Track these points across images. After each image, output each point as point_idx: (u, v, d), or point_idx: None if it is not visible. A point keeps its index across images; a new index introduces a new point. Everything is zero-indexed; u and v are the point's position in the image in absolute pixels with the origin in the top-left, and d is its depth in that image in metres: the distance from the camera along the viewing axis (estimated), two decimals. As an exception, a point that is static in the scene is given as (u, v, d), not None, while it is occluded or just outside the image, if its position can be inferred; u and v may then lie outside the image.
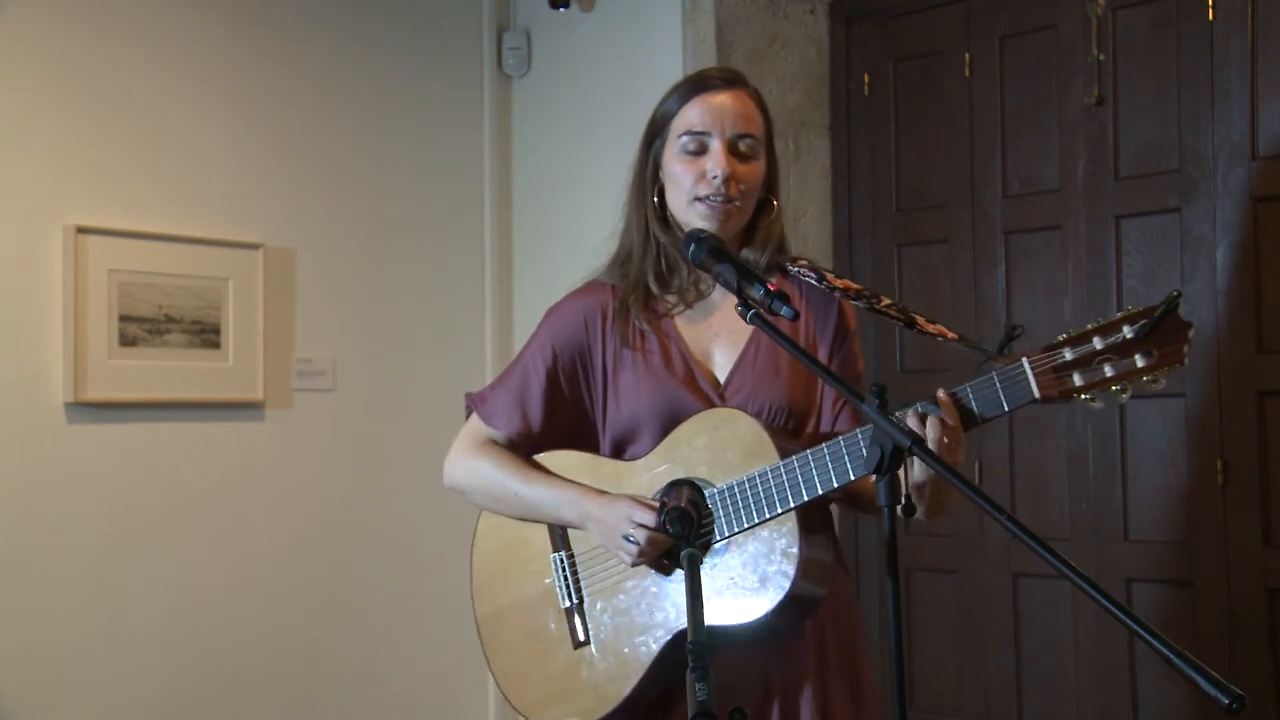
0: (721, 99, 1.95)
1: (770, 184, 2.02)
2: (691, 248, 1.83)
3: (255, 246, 3.44)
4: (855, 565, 3.66)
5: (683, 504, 1.51)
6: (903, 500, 1.51)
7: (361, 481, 3.65)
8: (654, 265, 2.00)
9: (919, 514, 1.77)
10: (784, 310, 1.66)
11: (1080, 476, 3.23)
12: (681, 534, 1.47)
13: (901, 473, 1.52)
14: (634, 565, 1.90)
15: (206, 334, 3.34)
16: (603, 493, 1.94)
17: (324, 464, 3.59)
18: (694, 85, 1.99)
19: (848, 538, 3.64)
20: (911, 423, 1.70)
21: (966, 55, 3.44)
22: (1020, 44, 3.36)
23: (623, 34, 3.74)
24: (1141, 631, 1.24)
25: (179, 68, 3.33)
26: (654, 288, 2.00)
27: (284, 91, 3.54)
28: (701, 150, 1.94)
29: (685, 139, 1.95)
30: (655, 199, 2.00)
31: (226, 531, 3.37)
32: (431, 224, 3.86)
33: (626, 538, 1.85)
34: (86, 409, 3.12)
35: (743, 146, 1.95)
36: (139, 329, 3.21)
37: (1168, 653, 1.21)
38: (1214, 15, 3.01)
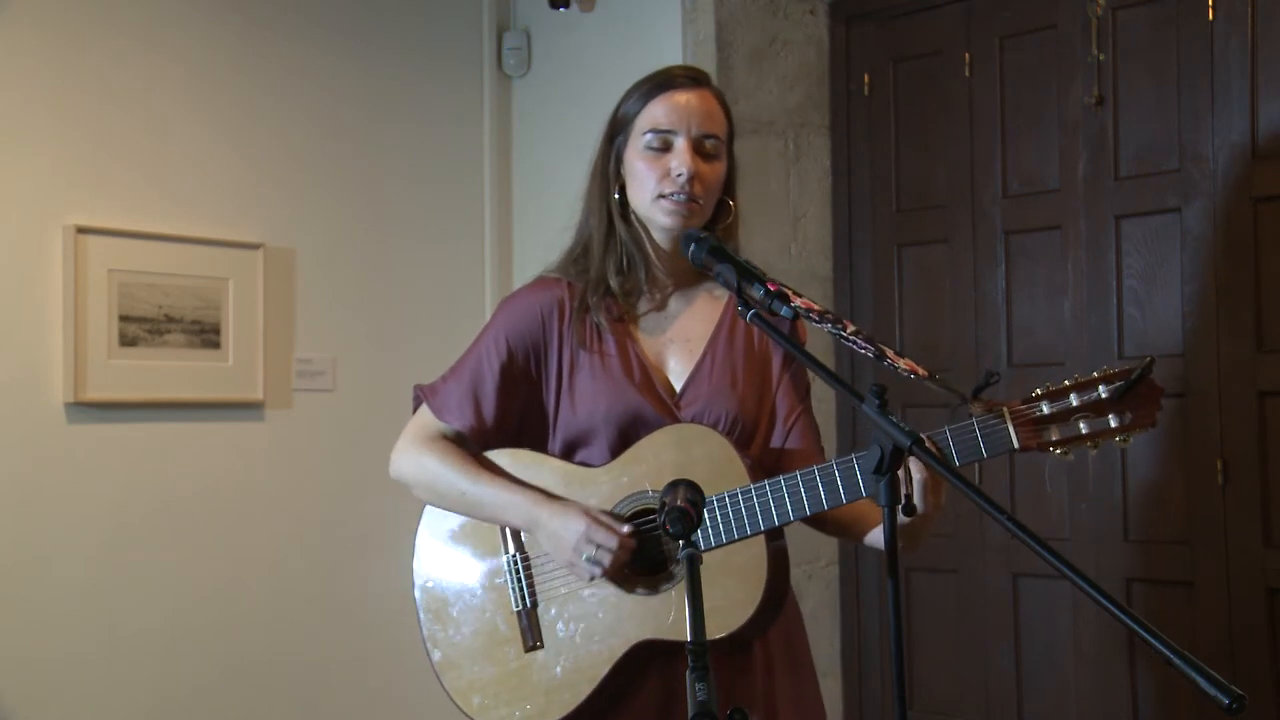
0: (687, 98, 1.94)
1: (729, 186, 2.01)
2: (691, 248, 1.82)
3: (255, 246, 3.44)
4: (855, 565, 3.66)
5: (681, 503, 1.49)
6: (903, 501, 1.51)
7: (361, 482, 3.64)
8: (615, 262, 1.99)
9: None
10: (783, 310, 1.65)
11: (1080, 476, 3.23)
12: (681, 534, 1.46)
13: (902, 472, 1.52)
14: (589, 581, 1.88)
15: (206, 334, 3.34)
16: (554, 498, 1.92)
17: (324, 464, 3.59)
18: (659, 83, 1.97)
19: (848, 538, 3.64)
20: None
21: (966, 55, 3.44)
22: (1020, 44, 3.36)
23: (623, 34, 3.73)
24: (1141, 631, 1.23)
25: (179, 68, 3.33)
26: (614, 285, 1.98)
27: (284, 91, 3.54)
28: (666, 148, 1.93)
29: (649, 136, 1.94)
30: (617, 195, 1.99)
31: (226, 532, 3.37)
32: (431, 224, 3.86)
33: (588, 559, 1.84)
34: (86, 409, 3.12)
35: (708, 146, 1.94)
36: (139, 329, 3.21)
37: (1168, 653, 1.21)
38: (1214, 15, 3.01)
